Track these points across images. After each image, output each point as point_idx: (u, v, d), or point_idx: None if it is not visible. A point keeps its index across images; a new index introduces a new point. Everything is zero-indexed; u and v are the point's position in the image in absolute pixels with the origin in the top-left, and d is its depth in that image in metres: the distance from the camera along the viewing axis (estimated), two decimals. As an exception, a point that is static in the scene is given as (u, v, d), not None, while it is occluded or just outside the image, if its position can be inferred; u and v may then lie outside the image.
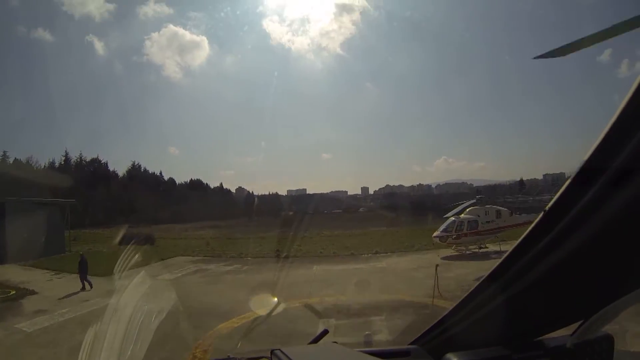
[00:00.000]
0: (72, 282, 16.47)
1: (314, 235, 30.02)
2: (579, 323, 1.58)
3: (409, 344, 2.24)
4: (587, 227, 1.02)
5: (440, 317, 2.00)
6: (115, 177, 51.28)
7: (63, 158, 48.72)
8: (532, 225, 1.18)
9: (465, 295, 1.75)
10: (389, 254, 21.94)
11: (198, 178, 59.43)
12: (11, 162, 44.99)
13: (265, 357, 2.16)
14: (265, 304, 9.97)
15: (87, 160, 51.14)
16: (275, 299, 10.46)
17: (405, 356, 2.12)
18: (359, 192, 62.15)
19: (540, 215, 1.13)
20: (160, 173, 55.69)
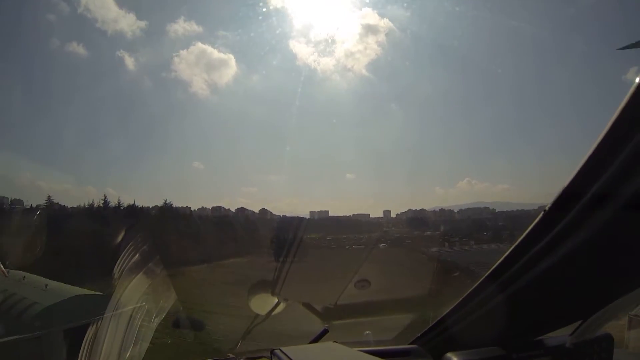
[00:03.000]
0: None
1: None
2: (579, 323, 1.58)
3: (409, 344, 2.24)
4: (586, 227, 1.03)
5: (440, 317, 2.00)
6: (147, 214, 52.79)
7: (102, 201, 51.06)
8: (532, 225, 1.18)
9: (465, 295, 1.75)
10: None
11: (219, 205, 59.45)
12: (57, 208, 45.81)
13: (265, 357, 2.16)
14: None
15: (125, 205, 53.37)
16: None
17: (405, 355, 2.13)
18: (381, 214, 61.16)
19: (540, 215, 1.13)
20: (189, 208, 56.54)
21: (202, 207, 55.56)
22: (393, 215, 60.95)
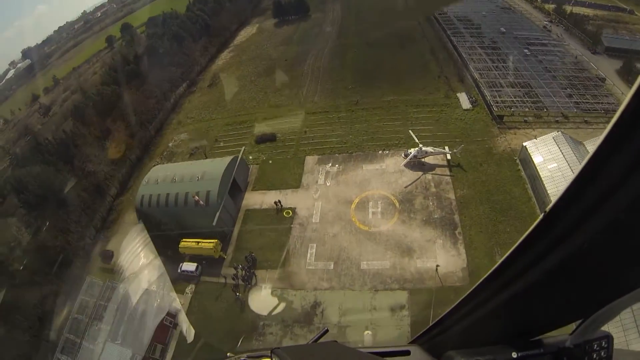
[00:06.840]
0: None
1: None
2: (579, 322, 1.58)
3: (409, 343, 2.24)
4: (587, 227, 1.03)
5: (440, 316, 2.00)
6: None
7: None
8: (533, 225, 1.18)
9: (466, 294, 1.75)
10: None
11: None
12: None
13: (266, 356, 2.16)
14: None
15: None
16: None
17: (405, 355, 2.13)
18: None
19: (541, 215, 1.14)
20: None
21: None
22: None
